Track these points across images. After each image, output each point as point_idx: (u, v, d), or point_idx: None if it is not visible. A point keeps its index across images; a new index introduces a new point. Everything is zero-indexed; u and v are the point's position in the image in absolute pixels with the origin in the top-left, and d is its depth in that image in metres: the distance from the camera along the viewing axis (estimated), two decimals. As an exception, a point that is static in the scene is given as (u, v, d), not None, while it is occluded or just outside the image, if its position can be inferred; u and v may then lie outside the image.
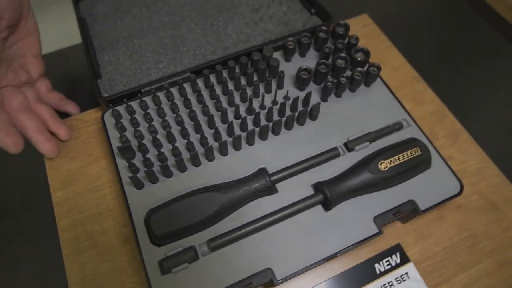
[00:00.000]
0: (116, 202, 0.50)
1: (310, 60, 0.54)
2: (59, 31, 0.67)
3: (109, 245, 0.47)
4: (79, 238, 0.48)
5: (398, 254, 0.47)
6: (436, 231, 0.49)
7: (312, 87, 0.52)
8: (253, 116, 0.47)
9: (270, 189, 0.43)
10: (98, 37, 0.60)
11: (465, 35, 0.72)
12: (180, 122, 0.47)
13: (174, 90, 0.50)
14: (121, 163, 0.46)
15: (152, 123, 0.47)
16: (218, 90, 0.50)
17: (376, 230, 0.42)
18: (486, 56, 0.69)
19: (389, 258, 0.46)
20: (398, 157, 0.44)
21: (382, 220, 0.43)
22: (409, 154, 0.44)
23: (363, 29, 0.67)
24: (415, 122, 0.49)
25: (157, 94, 0.49)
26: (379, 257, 0.46)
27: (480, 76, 0.66)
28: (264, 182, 0.43)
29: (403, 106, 0.51)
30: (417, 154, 0.45)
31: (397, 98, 0.51)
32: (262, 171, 0.43)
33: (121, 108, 0.49)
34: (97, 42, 0.59)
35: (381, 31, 0.67)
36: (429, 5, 0.77)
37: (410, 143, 0.45)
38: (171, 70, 0.55)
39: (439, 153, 0.47)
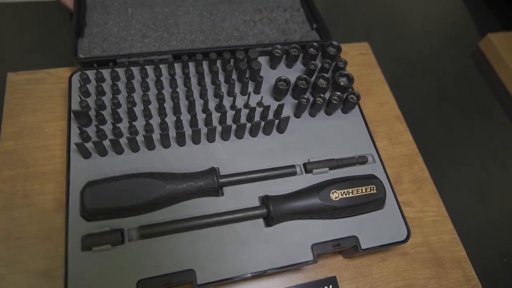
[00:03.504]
0: (63, 167, 0.48)
1: (296, 73, 0.53)
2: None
3: (44, 208, 0.46)
4: (16, 193, 0.46)
5: (331, 286, 0.46)
6: (376, 273, 0.48)
7: (290, 101, 0.50)
8: (220, 113, 0.46)
9: (216, 191, 0.42)
10: (94, -4, 0.58)
11: (460, 89, 0.72)
12: (146, 102, 0.45)
13: (149, 69, 0.49)
14: (75, 128, 0.44)
15: (117, 96, 0.46)
16: (194, 79, 0.49)
17: (311, 258, 0.41)
18: (475, 114, 0.69)
19: (320, 288, 0.45)
20: (352, 190, 0.43)
21: (320, 249, 0.41)
22: (363, 190, 0.43)
23: (360, 57, 0.66)
24: (381, 160, 0.48)
25: (131, 68, 0.48)
26: (310, 285, 0.45)
27: (464, 133, 0.66)
28: (211, 182, 0.41)
29: (373, 142, 0.50)
30: (372, 192, 0.44)
31: (370, 132, 0.50)
32: (212, 171, 0.42)
33: (91, 73, 0.47)
34: (90, 0, 0.58)
35: (377, 63, 0.66)
36: (435, 54, 0.76)
37: (368, 179, 0.44)
38: (156, 48, 0.54)
39: (395, 196, 0.46)
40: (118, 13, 0.57)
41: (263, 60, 0.53)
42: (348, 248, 0.44)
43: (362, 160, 0.47)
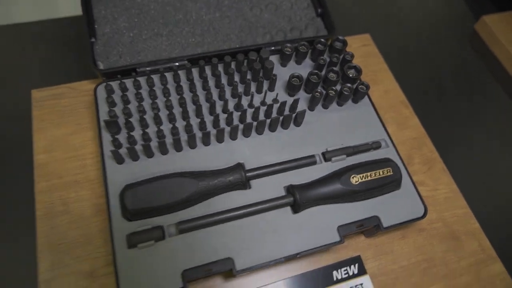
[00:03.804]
0: (95, 174, 0.51)
1: (305, 68, 0.56)
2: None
3: (82, 214, 0.48)
4: (54, 202, 0.49)
5: (356, 265, 0.49)
6: (397, 249, 0.51)
7: (302, 95, 0.53)
8: (240, 112, 0.49)
9: (244, 184, 0.45)
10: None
11: (460, 72, 0.75)
12: (169, 107, 0.48)
13: (168, 75, 0.52)
14: (106, 136, 0.47)
15: (142, 103, 0.48)
16: (211, 82, 0.52)
17: (338, 239, 0.44)
18: (475, 95, 0.72)
19: (348, 267, 0.48)
20: (370, 174, 0.46)
21: (345, 230, 0.44)
22: (381, 173, 0.46)
23: (363, 48, 0.69)
24: (393, 144, 0.51)
25: (152, 76, 0.50)
26: (338, 265, 0.48)
27: (466, 113, 0.69)
28: (239, 177, 0.44)
29: (385, 128, 0.53)
30: (389, 174, 0.47)
31: (380, 119, 0.53)
32: (239, 166, 0.45)
33: (114, 84, 0.50)
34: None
35: (379, 53, 0.69)
36: (434, 40, 0.79)
37: (384, 162, 0.48)
38: (169, 47, 0.56)
39: (410, 176, 0.49)
40: (124, 5, 0.59)
41: (273, 58, 0.56)
42: (370, 228, 0.47)
43: (376, 146, 0.50)
